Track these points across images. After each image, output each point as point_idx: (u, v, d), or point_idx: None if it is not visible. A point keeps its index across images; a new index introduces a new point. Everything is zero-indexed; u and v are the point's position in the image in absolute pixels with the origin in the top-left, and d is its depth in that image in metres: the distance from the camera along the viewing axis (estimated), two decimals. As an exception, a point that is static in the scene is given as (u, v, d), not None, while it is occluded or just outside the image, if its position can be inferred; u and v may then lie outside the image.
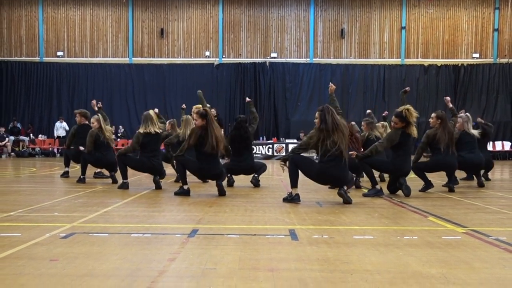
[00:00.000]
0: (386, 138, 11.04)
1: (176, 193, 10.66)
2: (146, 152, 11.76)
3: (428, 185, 11.58)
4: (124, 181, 11.79)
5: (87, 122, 14.18)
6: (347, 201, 9.39)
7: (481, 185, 12.96)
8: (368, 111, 15.07)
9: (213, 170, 10.68)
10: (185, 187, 10.66)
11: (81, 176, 13.21)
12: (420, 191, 11.53)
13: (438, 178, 12.65)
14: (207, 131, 10.34)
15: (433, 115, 11.93)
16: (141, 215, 8.14)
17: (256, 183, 12.64)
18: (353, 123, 13.39)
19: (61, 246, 5.58)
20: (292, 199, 9.59)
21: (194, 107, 13.49)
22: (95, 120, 13.56)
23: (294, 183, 9.64)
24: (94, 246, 5.65)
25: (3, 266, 4.73)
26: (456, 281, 4.39)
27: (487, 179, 14.50)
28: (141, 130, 11.70)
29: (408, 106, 10.90)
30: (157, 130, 11.82)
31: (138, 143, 11.69)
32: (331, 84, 10.99)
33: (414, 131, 10.76)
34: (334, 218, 7.88)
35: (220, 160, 11.36)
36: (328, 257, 5.22)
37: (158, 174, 12.00)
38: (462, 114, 13.38)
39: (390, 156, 11.25)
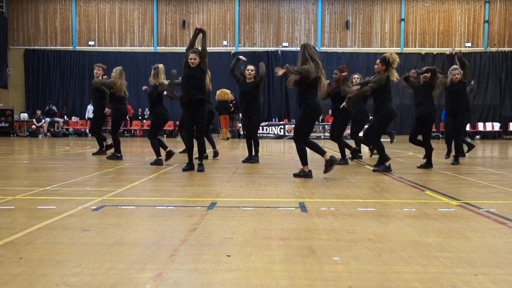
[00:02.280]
0: (374, 80, 11.00)
1: (183, 169, 10.67)
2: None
3: (427, 165, 11.54)
4: (158, 158, 11.85)
5: None
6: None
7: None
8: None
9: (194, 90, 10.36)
10: (191, 164, 10.75)
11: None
12: (418, 167, 11.54)
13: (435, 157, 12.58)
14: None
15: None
16: (164, 189, 8.13)
17: (255, 161, 12.66)
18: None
19: (92, 218, 5.59)
20: (306, 174, 9.58)
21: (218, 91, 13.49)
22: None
23: (304, 161, 9.65)
24: (122, 217, 5.66)
25: (40, 235, 4.74)
26: (451, 249, 4.36)
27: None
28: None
29: (393, 53, 11.19)
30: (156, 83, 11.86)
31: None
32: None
33: (394, 75, 10.96)
34: (340, 192, 7.86)
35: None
36: (335, 227, 5.20)
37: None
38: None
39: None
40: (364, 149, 15.04)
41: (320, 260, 3.99)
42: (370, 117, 14.13)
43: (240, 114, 13.33)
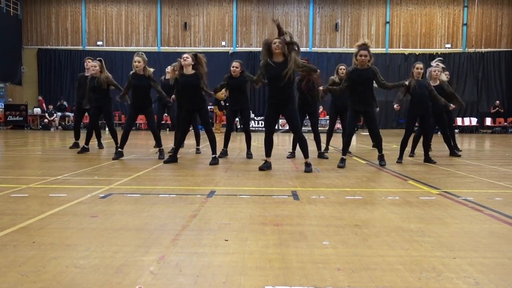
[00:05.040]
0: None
1: (165, 161, 10.43)
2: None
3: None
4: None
5: None
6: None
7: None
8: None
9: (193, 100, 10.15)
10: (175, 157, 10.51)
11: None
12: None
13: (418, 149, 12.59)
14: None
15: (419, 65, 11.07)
16: (167, 178, 8.15)
17: (250, 157, 11.96)
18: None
19: (100, 205, 5.59)
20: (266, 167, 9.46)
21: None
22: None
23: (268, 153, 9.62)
24: (128, 204, 5.66)
25: (52, 221, 4.74)
26: (431, 234, 4.38)
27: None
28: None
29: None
30: None
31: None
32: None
33: None
34: (329, 181, 7.87)
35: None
36: (324, 214, 5.21)
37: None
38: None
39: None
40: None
41: (311, 244, 4.00)
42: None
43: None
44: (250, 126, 13.41)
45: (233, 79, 11.58)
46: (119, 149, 11.18)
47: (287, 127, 29.72)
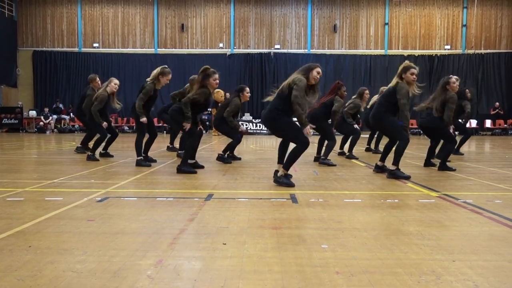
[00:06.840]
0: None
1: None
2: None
3: None
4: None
5: None
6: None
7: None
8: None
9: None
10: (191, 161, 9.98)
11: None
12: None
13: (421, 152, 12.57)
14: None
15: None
16: (164, 182, 8.14)
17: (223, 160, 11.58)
18: None
19: (97, 208, 5.59)
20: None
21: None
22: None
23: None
24: (125, 208, 5.66)
25: (48, 225, 4.74)
26: (430, 237, 4.39)
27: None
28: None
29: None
30: None
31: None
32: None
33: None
34: (328, 184, 7.88)
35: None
36: (323, 217, 5.21)
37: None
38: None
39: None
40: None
41: (310, 248, 4.01)
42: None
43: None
44: (249, 128, 13.41)
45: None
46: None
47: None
